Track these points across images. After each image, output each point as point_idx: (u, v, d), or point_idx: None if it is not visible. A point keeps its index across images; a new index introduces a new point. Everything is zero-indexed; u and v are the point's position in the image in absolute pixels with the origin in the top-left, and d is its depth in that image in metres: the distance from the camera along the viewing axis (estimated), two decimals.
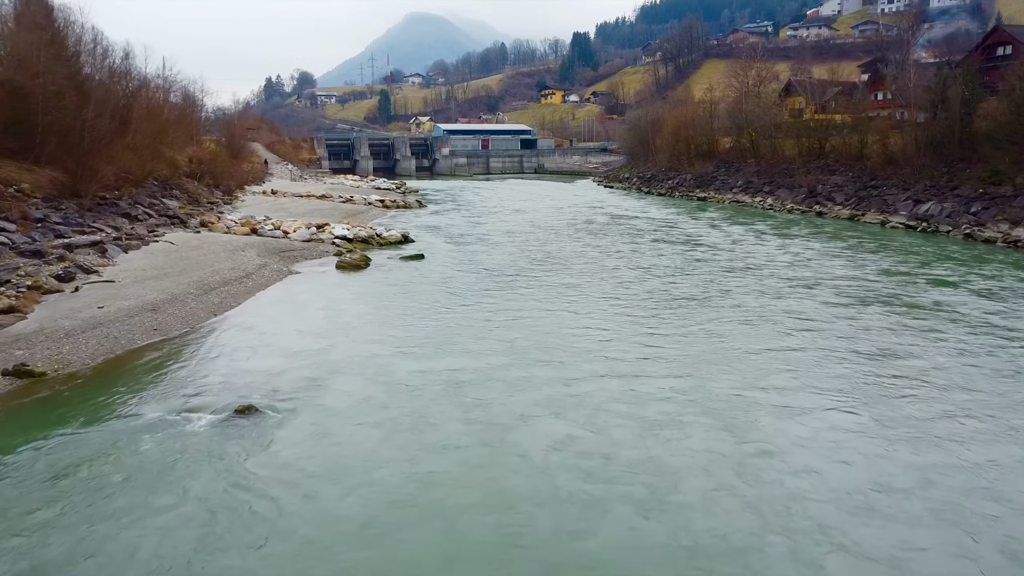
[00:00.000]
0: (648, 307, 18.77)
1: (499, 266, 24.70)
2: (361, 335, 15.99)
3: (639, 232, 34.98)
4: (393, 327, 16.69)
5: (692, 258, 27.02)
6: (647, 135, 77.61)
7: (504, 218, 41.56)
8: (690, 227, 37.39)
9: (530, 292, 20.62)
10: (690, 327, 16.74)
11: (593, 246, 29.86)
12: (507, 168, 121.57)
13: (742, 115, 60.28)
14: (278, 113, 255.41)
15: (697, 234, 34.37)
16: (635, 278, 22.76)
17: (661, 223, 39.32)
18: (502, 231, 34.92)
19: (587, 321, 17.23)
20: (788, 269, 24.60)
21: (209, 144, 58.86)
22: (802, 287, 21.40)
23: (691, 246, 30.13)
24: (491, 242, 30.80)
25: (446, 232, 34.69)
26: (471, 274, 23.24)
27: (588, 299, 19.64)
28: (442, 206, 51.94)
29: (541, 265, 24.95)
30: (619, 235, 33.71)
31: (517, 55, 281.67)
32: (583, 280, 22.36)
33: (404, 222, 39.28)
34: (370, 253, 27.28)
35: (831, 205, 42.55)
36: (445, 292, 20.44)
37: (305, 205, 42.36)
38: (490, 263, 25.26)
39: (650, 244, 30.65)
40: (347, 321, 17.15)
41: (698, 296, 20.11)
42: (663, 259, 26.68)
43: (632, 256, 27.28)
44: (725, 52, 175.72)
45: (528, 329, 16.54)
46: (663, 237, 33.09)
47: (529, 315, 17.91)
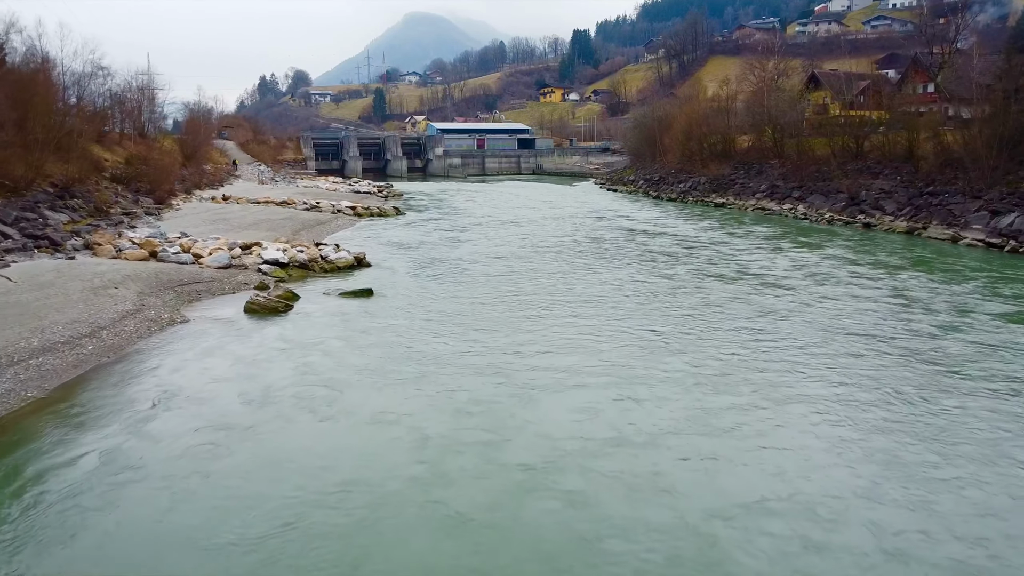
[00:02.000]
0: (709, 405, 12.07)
1: (475, 313, 17.62)
2: (203, 490, 9.09)
3: (663, 256, 26.99)
4: (269, 465, 9.91)
5: (760, 311, 18.42)
6: (654, 134, 70.89)
7: (493, 233, 34.41)
8: (728, 248, 29.29)
9: (519, 374, 13.03)
10: None
11: (609, 283, 21.52)
12: (503, 169, 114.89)
13: (764, 111, 53.56)
14: (271, 112, 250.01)
15: (746, 262, 25.44)
16: (679, 348, 14.70)
17: (687, 241, 31.45)
18: (487, 254, 27.46)
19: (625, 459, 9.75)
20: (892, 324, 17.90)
21: (165, 143, 52.27)
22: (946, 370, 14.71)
23: (749, 286, 21.03)
24: (470, 272, 23.45)
25: (416, 253, 27.77)
26: (430, 330, 15.90)
27: (613, 400, 11.83)
28: (424, 214, 45.21)
29: (536, 314, 17.63)
30: (639, 262, 25.50)
31: (516, 54, 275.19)
32: (598, 358, 13.98)
33: (369, 236, 32.61)
34: (305, 285, 20.60)
35: (880, 215, 35.83)
36: (383, 369, 13.32)
37: (256, 214, 35.68)
38: (462, 308, 18.16)
39: (686, 278, 22.34)
40: (198, 444, 10.35)
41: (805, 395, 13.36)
42: (716, 315, 17.64)
43: (667, 304, 18.60)
44: (731, 49, 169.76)
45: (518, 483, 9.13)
46: (697, 264, 25.17)
47: (517, 438, 10.37)
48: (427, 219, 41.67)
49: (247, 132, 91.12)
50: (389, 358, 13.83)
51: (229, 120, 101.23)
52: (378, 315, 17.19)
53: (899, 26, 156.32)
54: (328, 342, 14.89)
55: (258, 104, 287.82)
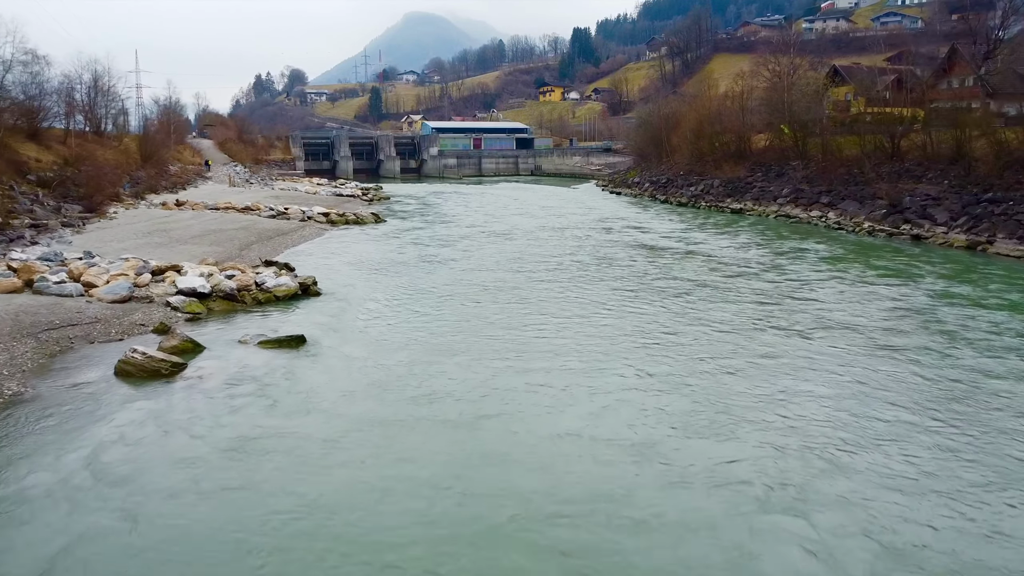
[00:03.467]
0: None
1: (442, 388, 12.11)
2: None
3: (698, 288, 20.73)
4: None
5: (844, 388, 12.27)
6: (660, 133, 66.06)
7: (482, 250, 28.64)
8: (778, 273, 22.99)
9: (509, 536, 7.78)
10: None
11: (633, 334, 15.56)
12: (501, 170, 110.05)
13: (784, 107, 48.65)
14: (266, 111, 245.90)
15: (811, 296, 19.39)
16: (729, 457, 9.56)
17: (719, 261, 25.47)
18: (471, 282, 21.57)
19: None
20: None
21: (124, 142, 47.43)
22: None
23: (832, 338, 15.14)
24: (445, 311, 17.87)
25: (382, 278, 22.33)
26: (371, 421, 10.57)
27: None
28: (407, 222, 40.26)
29: (531, 390, 12.04)
30: (668, 298, 19.28)
31: (515, 52, 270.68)
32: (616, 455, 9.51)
33: (334, 252, 27.67)
34: (224, 326, 15.71)
35: (930, 226, 30.89)
36: (276, 527, 7.91)
37: (207, 223, 30.78)
38: (426, 378, 12.55)
39: (738, 326, 16.22)
40: None
41: None
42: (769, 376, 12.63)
43: (722, 377, 12.70)
44: (736, 46, 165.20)
45: None
46: (749, 300, 19.07)
47: None
48: (409, 229, 36.69)
49: (230, 131, 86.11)
50: (293, 494, 8.74)
51: (211, 118, 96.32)
52: (301, 384, 12.13)
53: (909, 23, 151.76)
54: (207, 445, 9.85)
55: (253, 103, 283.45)
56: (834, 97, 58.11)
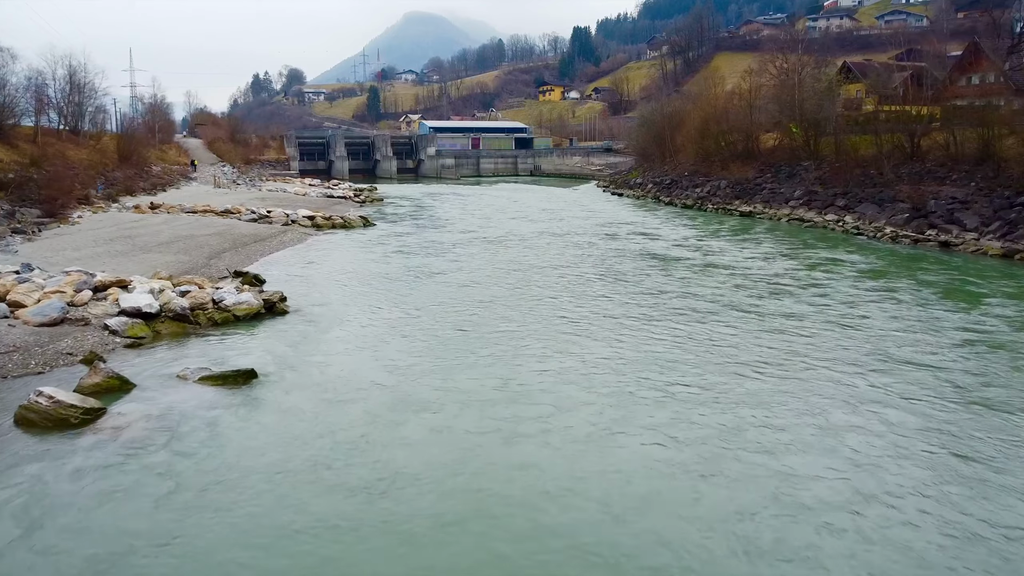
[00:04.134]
0: None
1: (420, 437, 10.11)
2: None
3: (716, 306, 18.20)
4: None
5: None
6: (663, 132, 63.79)
7: (474, 257, 26.60)
8: (815, 292, 19.87)
9: None
10: None
11: (647, 374, 12.93)
12: (500, 170, 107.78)
13: (795, 104, 46.40)
14: (263, 111, 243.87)
15: (862, 319, 16.76)
16: None
17: (743, 274, 22.80)
18: (460, 300, 19.02)
19: None
20: None
21: (103, 141, 45.22)
22: None
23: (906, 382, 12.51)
24: (426, 336, 15.42)
25: (360, 293, 20.04)
26: (329, 484, 8.68)
27: None
28: (397, 227, 38.02)
29: (514, 470, 9.27)
30: (691, 322, 16.64)
31: (515, 52, 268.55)
32: None
33: (312, 261, 25.41)
34: (170, 353, 13.48)
35: (959, 231, 28.64)
36: None
37: (179, 228, 28.54)
38: (398, 427, 10.44)
39: (768, 358, 13.74)
40: None
41: None
42: None
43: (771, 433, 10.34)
44: (738, 45, 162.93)
45: None
46: (769, 316, 17.08)
47: None
48: (398, 234, 34.43)
49: (221, 130, 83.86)
50: None
51: (203, 117, 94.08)
52: (234, 442, 9.73)
53: (914, 21, 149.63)
54: (82, 541, 7.60)
55: (251, 103, 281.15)
56: (845, 95, 55.97)
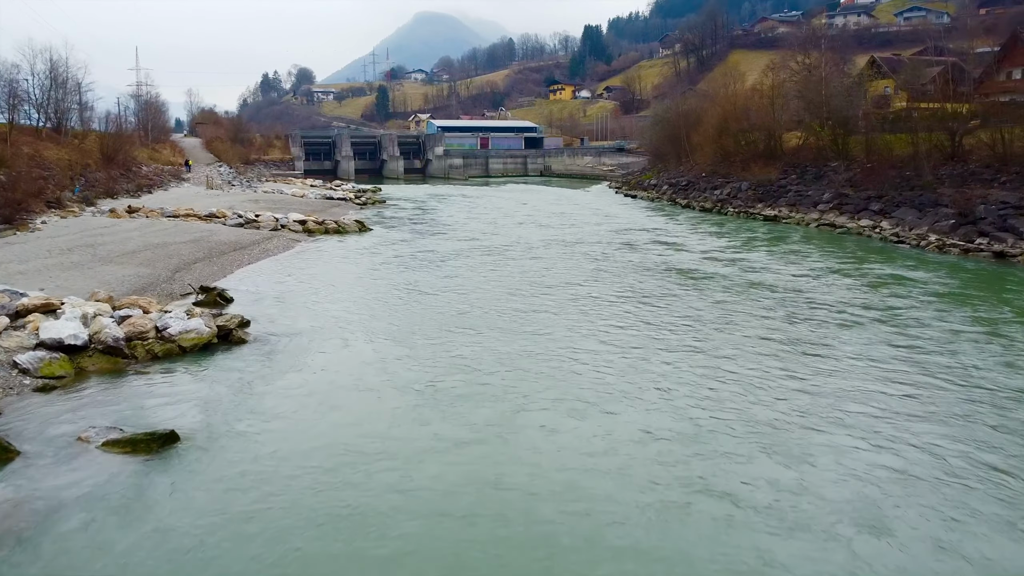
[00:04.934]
0: None
1: (390, 528, 7.49)
2: None
3: (775, 346, 14.50)
4: None
5: None
6: (679, 131, 60.94)
7: (475, 271, 23.58)
8: (887, 323, 16.25)
9: None
10: None
11: (685, 442, 10.02)
12: (509, 170, 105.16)
13: (822, 101, 43.50)
14: (272, 110, 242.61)
15: None
16: None
17: (792, 297, 19.22)
18: (453, 327, 15.98)
19: None
20: None
21: (88, 140, 42.88)
22: None
23: None
24: (409, 379, 12.49)
25: (341, 314, 17.20)
26: None
27: None
28: (394, 232, 35.41)
29: None
30: (728, 367, 13.15)
31: (525, 51, 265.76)
32: None
33: (292, 274, 22.79)
34: (75, 404, 10.91)
35: (1014, 240, 25.75)
36: None
37: (152, 235, 26.03)
38: (364, 516, 7.75)
39: (869, 430, 10.42)
40: None
41: None
42: None
43: None
44: (753, 42, 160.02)
45: None
46: (850, 361, 13.45)
47: None
48: (395, 241, 31.77)
49: (222, 129, 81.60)
50: None
51: (206, 116, 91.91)
52: (142, 530, 7.31)
53: (935, 17, 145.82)
54: None
55: (259, 102, 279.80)
56: (872, 91, 53.10)
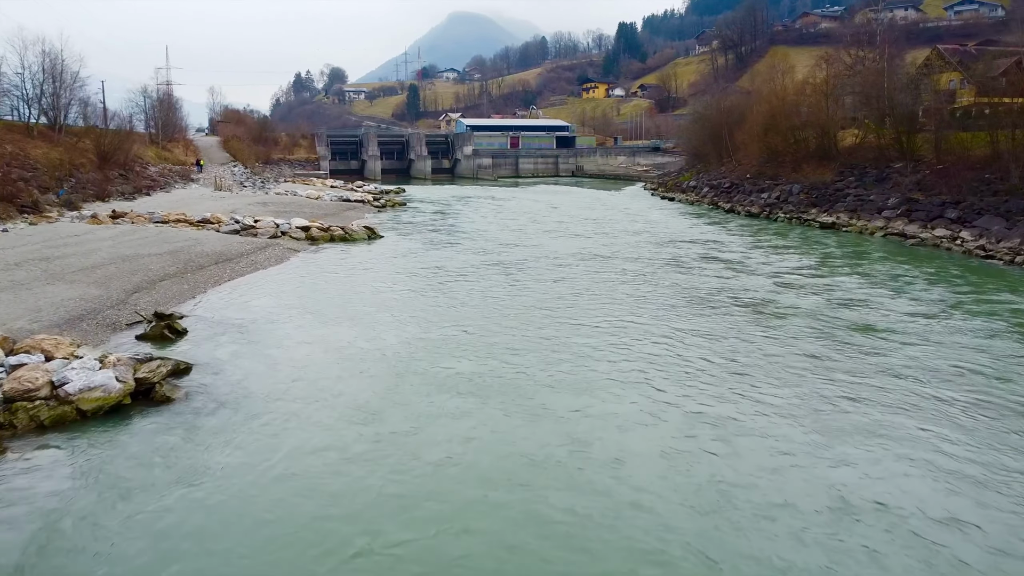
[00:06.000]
0: None
1: None
2: None
3: (918, 414, 10.87)
4: None
5: None
6: (720, 129, 56.86)
7: (492, 293, 19.65)
8: None
9: None
10: None
11: None
12: (539, 170, 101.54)
13: (884, 95, 39.25)
14: (304, 110, 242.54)
15: None
16: None
17: (908, 337, 15.16)
18: (458, 390, 11.94)
19: None
20: None
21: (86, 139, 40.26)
22: None
23: None
24: (387, 473, 8.89)
25: (316, 356, 13.71)
26: None
27: None
28: (407, 240, 32.04)
29: None
30: (847, 441, 9.72)
31: (558, 49, 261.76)
32: None
33: (279, 292, 19.53)
34: None
35: None
36: None
37: (126, 246, 22.98)
38: None
39: None
40: None
41: None
42: None
43: None
44: (795, 38, 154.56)
45: None
46: None
47: None
48: (403, 253, 28.26)
49: (241, 128, 79.31)
50: None
51: (229, 115, 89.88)
52: None
53: (988, 11, 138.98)
54: None
55: (291, 102, 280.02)
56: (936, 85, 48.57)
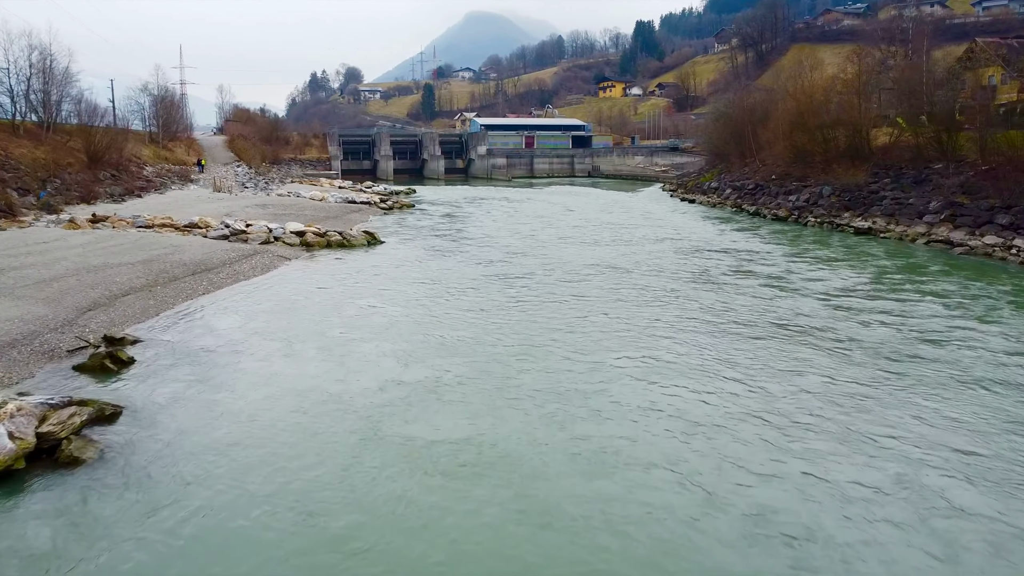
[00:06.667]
0: None
1: None
2: None
3: None
4: None
5: None
6: (743, 128, 54.34)
7: (494, 314, 16.86)
8: None
9: None
10: None
11: None
12: (555, 171, 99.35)
13: (924, 91, 36.68)
14: (319, 110, 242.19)
15: None
16: None
17: None
18: (436, 453, 9.46)
19: None
20: None
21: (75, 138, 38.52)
22: None
23: None
24: None
25: (275, 396, 11.30)
26: None
27: None
28: (408, 247, 29.91)
29: None
30: None
31: (574, 48, 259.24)
32: None
33: (254, 311, 17.42)
34: None
35: None
36: None
37: (95, 253, 21.03)
38: None
39: None
40: None
41: None
42: None
43: None
44: (816, 35, 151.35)
45: None
46: None
47: None
48: (402, 261, 25.95)
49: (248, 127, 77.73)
50: None
51: (239, 114, 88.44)
52: None
53: (1018, 6, 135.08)
54: None
55: (307, 101, 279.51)
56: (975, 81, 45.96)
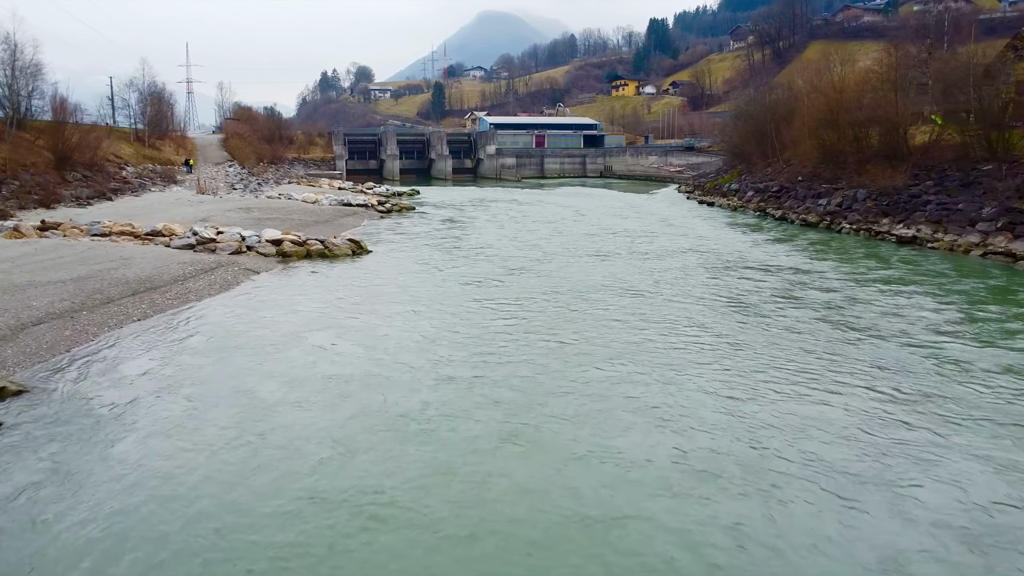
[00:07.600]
0: None
1: None
2: None
3: None
4: None
5: None
6: (765, 127, 51.09)
7: (484, 354, 13.11)
8: None
9: None
10: None
11: None
12: (566, 171, 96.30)
13: (971, 84, 33.28)
14: (329, 109, 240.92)
15: None
16: None
17: None
18: None
19: None
20: None
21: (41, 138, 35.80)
22: None
23: None
24: None
25: (165, 486, 9.10)
26: None
27: None
28: (400, 256, 26.94)
29: None
30: None
31: (587, 46, 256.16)
32: None
33: (184, 345, 14.49)
34: None
35: None
36: None
37: (21, 271, 18.13)
38: None
39: None
40: None
41: None
42: None
43: None
44: (836, 32, 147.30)
45: None
46: None
47: None
48: (388, 277, 22.83)
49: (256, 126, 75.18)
50: None
51: (239, 112, 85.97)
52: None
53: None
54: None
55: (317, 100, 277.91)
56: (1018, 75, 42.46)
